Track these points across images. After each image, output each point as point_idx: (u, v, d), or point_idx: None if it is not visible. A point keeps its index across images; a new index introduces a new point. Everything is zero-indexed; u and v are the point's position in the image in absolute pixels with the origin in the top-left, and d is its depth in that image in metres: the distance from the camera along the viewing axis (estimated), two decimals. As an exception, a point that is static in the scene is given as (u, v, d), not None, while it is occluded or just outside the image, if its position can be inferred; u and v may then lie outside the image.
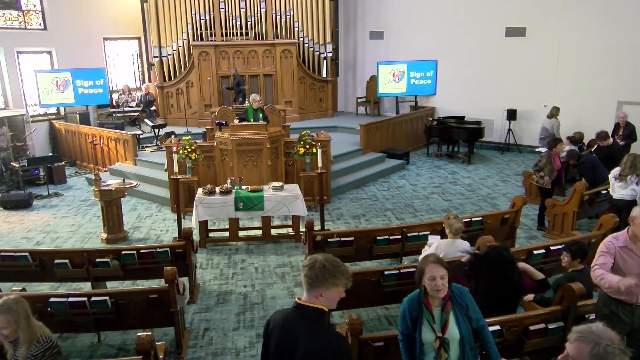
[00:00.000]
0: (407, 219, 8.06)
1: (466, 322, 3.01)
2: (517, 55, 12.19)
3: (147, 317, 4.44)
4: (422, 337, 3.01)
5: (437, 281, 2.96)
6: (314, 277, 2.41)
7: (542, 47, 11.84)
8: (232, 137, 7.87)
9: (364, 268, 5.81)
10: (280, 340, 2.42)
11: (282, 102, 12.97)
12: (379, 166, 10.80)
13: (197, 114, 12.93)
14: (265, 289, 5.83)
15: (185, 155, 7.80)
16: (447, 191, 9.53)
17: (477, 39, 12.74)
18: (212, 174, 8.41)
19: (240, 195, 6.78)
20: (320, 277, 2.41)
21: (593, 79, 11.21)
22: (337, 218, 8.16)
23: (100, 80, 12.19)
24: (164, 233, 7.60)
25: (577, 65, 11.39)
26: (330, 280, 2.42)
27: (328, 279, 2.41)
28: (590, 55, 11.19)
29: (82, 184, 10.53)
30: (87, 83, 12.08)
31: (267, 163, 7.97)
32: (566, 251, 4.32)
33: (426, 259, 3.05)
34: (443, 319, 2.98)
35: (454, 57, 13.14)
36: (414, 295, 3.13)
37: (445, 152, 12.41)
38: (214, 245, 7.13)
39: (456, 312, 3.00)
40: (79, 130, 11.55)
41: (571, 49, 11.43)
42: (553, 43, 11.67)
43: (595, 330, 1.98)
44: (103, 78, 12.25)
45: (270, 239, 7.25)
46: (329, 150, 8.73)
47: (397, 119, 12.29)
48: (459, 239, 4.77)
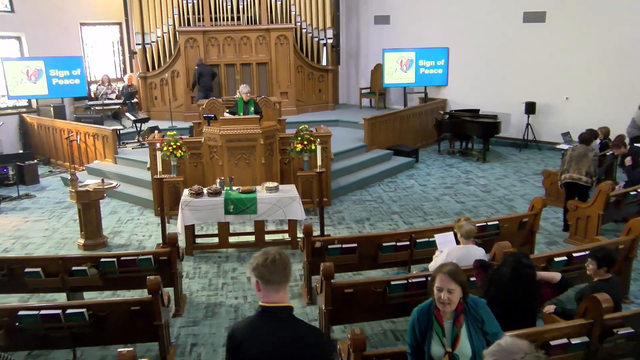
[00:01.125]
0: (416, 223, 8.05)
1: (480, 338, 3.01)
2: (536, 43, 12.20)
3: (128, 331, 4.43)
4: (430, 351, 3.01)
5: (443, 294, 2.96)
6: (280, 272, 2.47)
7: (563, 33, 11.85)
8: (221, 133, 7.86)
9: (368, 278, 5.81)
10: (261, 353, 2.43)
11: (277, 94, 12.96)
12: (384, 165, 10.80)
13: (184, 106, 12.93)
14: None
15: (170, 153, 7.79)
16: (460, 192, 9.53)
17: (492, 25, 12.75)
18: (200, 174, 8.40)
19: (231, 197, 6.77)
20: (285, 272, 2.48)
21: (620, 68, 11.21)
22: (338, 222, 8.15)
23: (77, 70, 12.15)
24: (147, 239, 7.59)
25: (603, 53, 11.39)
26: (289, 275, 2.51)
27: (289, 274, 2.50)
28: (618, 42, 11.19)
29: (57, 184, 10.53)
30: (62, 73, 12.05)
31: (261, 161, 7.96)
32: (591, 258, 4.31)
33: (442, 267, 3.05)
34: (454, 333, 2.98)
35: (467, 44, 13.16)
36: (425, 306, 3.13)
37: (458, 149, 12.42)
38: (201, 253, 7.12)
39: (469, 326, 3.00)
40: (54, 124, 11.53)
41: (596, 35, 11.43)
42: (576, 29, 11.67)
43: (505, 345, 2.05)
44: (80, 67, 12.21)
45: (264, 245, 7.21)
46: (329, 147, 8.72)
47: (404, 112, 12.29)
48: (472, 243, 4.77)
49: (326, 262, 4.60)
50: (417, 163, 11.50)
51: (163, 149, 7.72)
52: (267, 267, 2.45)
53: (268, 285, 2.48)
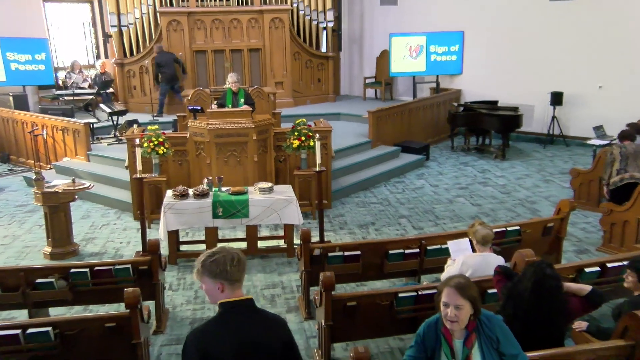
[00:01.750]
0: (427, 228, 8.06)
1: None
2: (565, 24, 12.19)
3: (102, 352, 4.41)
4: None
5: (450, 311, 2.95)
6: (241, 266, 2.70)
7: (597, 12, 11.83)
8: (209, 127, 7.86)
9: (373, 289, 5.80)
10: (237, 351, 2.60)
11: (271, 84, 12.97)
12: (391, 163, 10.82)
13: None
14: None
15: (151, 149, 7.79)
16: (476, 194, 9.55)
17: (514, 4, 12.75)
18: (185, 173, 8.40)
19: (220, 199, 6.77)
20: (243, 266, 2.72)
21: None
22: (339, 227, 8.16)
23: (42, 54, 11.95)
24: (125, 246, 7.59)
25: None
26: None
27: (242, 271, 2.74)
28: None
29: (19, 184, 10.51)
30: (24, 57, 11.79)
31: (254, 159, 7.97)
32: (631, 269, 4.27)
33: (449, 280, 3.03)
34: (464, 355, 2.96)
35: (485, 27, 13.16)
36: (432, 321, 3.12)
37: (474, 146, 12.44)
38: (186, 261, 7.12)
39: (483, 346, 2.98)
40: (13, 116, 11.41)
41: (635, 15, 11.39)
42: (611, 7, 11.65)
43: None
44: (45, 51, 12.03)
45: (257, 253, 7.25)
46: (329, 143, 8.74)
47: (414, 104, 12.31)
48: (489, 251, 4.76)
49: (326, 272, 4.60)
50: (427, 161, 11.51)
51: (143, 145, 7.69)
52: (236, 267, 2.68)
53: (234, 284, 2.69)
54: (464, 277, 3.08)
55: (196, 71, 12.92)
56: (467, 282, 3.04)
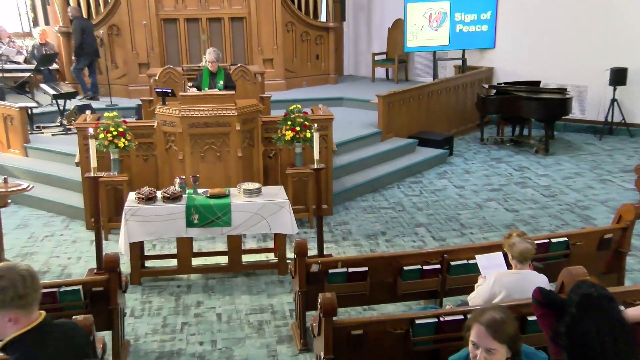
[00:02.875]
0: (450, 239, 8.08)
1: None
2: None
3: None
4: None
5: (480, 354, 2.94)
6: (35, 284, 2.71)
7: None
8: (182, 114, 7.87)
9: (383, 315, 5.81)
10: None
11: (258, 61, 12.99)
12: (406, 159, 10.84)
13: (127, 77, 12.96)
14: (232, 347, 5.84)
15: (109, 142, 7.79)
16: (512, 197, 9.56)
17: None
18: (152, 171, 8.41)
19: (195, 204, 6.76)
20: (37, 283, 2.72)
21: None
22: (342, 238, 8.18)
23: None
24: (74, 262, 7.58)
25: None
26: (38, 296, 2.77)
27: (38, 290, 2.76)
28: None
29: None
30: None
31: (237, 154, 7.98)
32: None
33: (480, 314, 2.99)
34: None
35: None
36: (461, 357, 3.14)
37: (510, 137, 12.47)
38: (153, 281, 7.12)
39: None
40: None
41: None
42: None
43: None
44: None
45: (241, 269, 7.25)
46: (330, 135, 8.76)
47: (434, 86, 12.34)
48: (529, 268, 4.76)
49: (326, 293, 4.61)
50: (451, 156, 11.54)
51: (99, 136, 7.68)
52: (31, 288, 2.66)
53: (30, 308, 2.70)
54: (499, 310, 3.00)
55: (164, 45, 12.93)
56: (503, 318, 2.98)
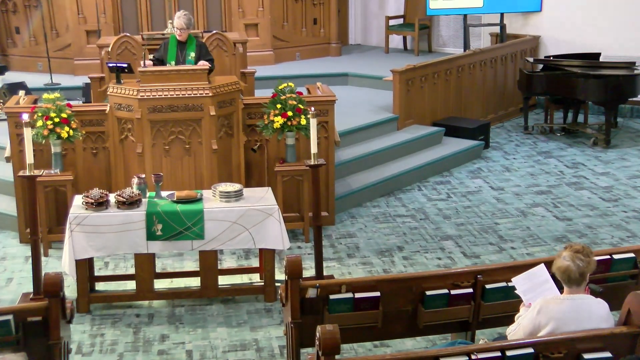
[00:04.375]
0: (486, 256, 8.09)
1: None
2: None
3: None
4: None
5: None
6: None
7: None
8: (141, 96, 7.87)
9: (400, 352, 5.80)
10: None
11: (239, 27, 12.97)
12: (430, 152, 10.83)
13: (72, 48, 12.93)
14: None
15: (49, 131, 7.79)
16: (564, 201, 9.57)
17: None
18: (103, 168, 8.41)
19: (158, 210, 6.77)
20: None
21: None
22: (347, 254, 8.18)
23: None
24: (3, 285, 7.57)
25: None
26: None
27: None
28: None
29: None
30: None
31: (211, 146, 7.98)
32: None
33: None
34: None
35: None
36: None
37: (561, 125, 12.46)
38: (106, 308, 7.11)
39: None
40: None
41: None
42: None
43: None
44: None
45: (217, 294, 7.24)
46: (331, 122, 8.75)
47: (465, 59, 12.32)
48: (585, 292, 4.76)
49: (326, 325, 4.61)
50: (487, 150, 11.53)
51: (36, 124, 7.68)
52: None
53: None
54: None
55: (119, 7, 12.90)
56: None
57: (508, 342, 4.81)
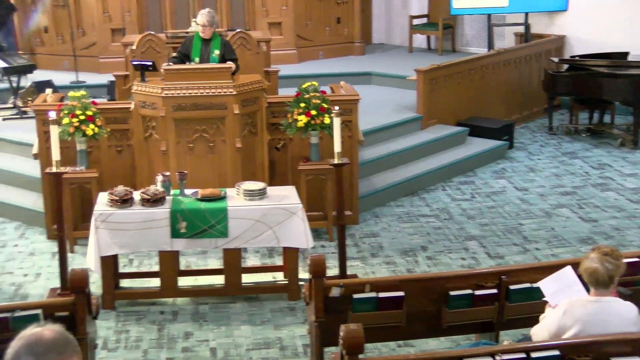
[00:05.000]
0: (510, 256, 8.08)
1: None
2: None
3: None
4: None
5: None
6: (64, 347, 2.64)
7: None
8: (165, 94, 7.90)
9: (423, 352, 5.81)
10: None
11: (262, 26, 12.99)
12: (454, 152, 10.84)
13: (98, 47, 13.02)
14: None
15: (75, 128, 7.83)
16: (590, 202, 9.53)
17: None
18: (127, 166, 8.46)
19: (182, 208, 6.80)
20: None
21: None
22: (371, 254, 8.20)
23: None
24: (32, 281, 7.64)
25: None
26: None
27: None
28: None
29: None
30: None
31: (235, 144, 8.00)
32: None
33: None
34: None
35: None
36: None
37: (586, 125, 12.40)
38: (130, 305, 7.16)
39: None
40: None
41: None
42: None
43: None
44: None
45: (241, 292, 7.27)
46: (355, 121, 8.76)
47: (489, 59, 12.30)
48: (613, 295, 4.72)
49: (350, 324, 4.61)
50: (511, 150, 11.50)
51: (62, 121, 7.72)
52: None
53: None
54: None
55: (144, 5, 12.97)
56: None
57: (533, 344, 4.80)
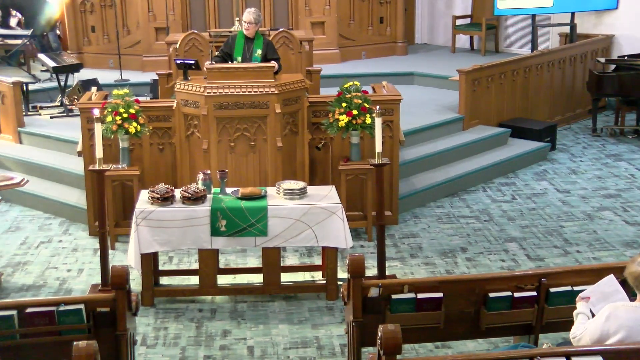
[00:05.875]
0: (550, 259, 8.02)
1: None
2: None
3: None
4: None
5: None
6: None
7: None
8: (207, 93, 7.94)
9: (461, 354, 5.77)
10: None
11: (305, 25, 13.00)
12: (495, 153, 10.77)
13: (142, 45, 13.14)
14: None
15: (118, 126, 7.90)
16: (635, 205, 9.43)
17: None
18: (169, 164, 8.52)
19: (223, 206, 6.83)
20: None
21: None
22: (410, 254, 8.18)
23: None
24: (75, 276, 7.72)
25: None
26: None
27: None
28: None
29: None
30: None
31: (276, 144, 8.03)
32: None
33: None
34: None
35: None
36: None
37: (632, 127, 12.26)
38: (169, 302, 7.21)
39: None
40: None
41: None
42: None
43: None
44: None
45: (280, 291, 7.30)
46: (396, 121, 8.74)
47: (532, 60, 12.19)
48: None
49: (388, 325, 4.60)
50: (553, 151, 11.41)
51: (106, 119, 7.80)
52: None
53: None
54: None
55: (188, 4, 13.05)
56: None
57: (574, 348, 4.73)
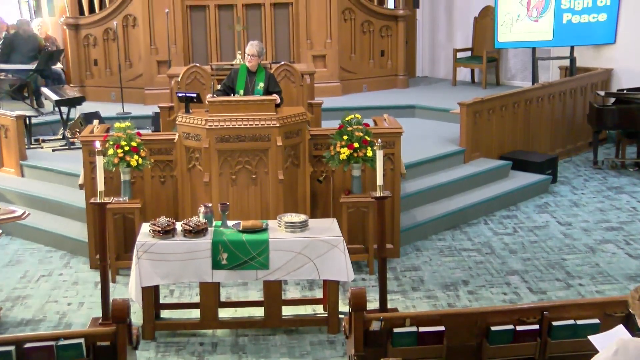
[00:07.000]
0: (553, 292, 8.00)
1: None
2: None
3: None
4: None
5: None
6: None
7: None
8: (209, 125, 7.97)
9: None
10: None
11: (307, 58, 13.08)
12: (496, 186, 10.77)
13: (144, 78, 13.20)
14: None
15: (119, 159, 7.92)
16: (637, 238, 9.40)
17: None
18: (170, 196, 8.53)
19: (224, 239, 6.82)
20: None
21: None
22: (412, 287, 8.16)
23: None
24: (75, 309, 7.69)
25: None
26: None
27: None
28: None
29: None
30: None
31: (278, 176, 8.04)
32: None
33: None
34: None
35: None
36: None
37: (633, 160, 12.27)
38: (170, 336, 7.18)
39: None
40: None
41: None
42: None
43: None
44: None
45: (281, 325, 7.26)
46: (398, 154, 8.75)
47: (533, 92, 12.23)
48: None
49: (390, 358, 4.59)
50: (555, 184, 11.41)
51: (107, 152, 7.82)
52: None
53: None
54: None
55: (190, 38, 13.13)
56: None
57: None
